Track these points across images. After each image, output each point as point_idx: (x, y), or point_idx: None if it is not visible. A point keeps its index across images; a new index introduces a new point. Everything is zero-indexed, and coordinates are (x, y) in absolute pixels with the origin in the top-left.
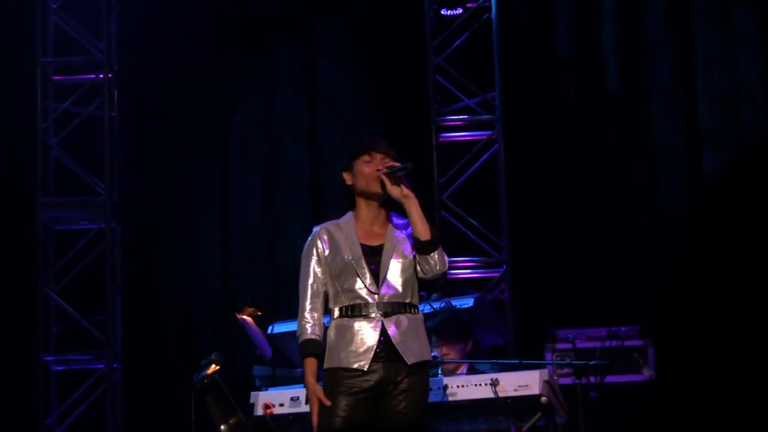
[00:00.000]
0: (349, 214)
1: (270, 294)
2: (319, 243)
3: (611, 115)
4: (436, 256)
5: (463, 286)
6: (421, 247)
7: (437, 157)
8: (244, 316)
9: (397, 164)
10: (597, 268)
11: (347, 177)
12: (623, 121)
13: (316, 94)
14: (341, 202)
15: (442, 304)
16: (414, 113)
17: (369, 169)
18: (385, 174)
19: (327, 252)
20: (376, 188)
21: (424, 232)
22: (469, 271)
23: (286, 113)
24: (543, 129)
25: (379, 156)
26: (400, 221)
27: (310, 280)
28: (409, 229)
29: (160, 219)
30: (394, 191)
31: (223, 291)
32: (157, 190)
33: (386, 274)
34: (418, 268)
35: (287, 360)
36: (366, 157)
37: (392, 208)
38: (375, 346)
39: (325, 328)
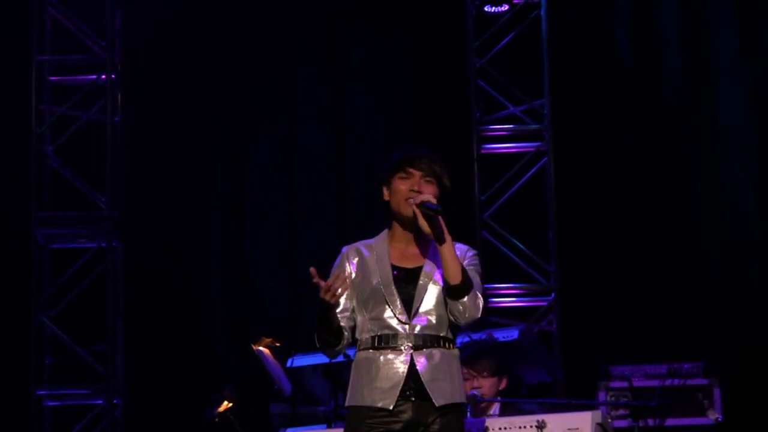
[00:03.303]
0: (384, 233)
1: (289, 323)
2: (346, 265)
3: (671, 126)
4: (467, 302)
5: (506, 317)
6: (450, 291)
7: (478, 172)
8: (261, 348)
9: (431, 199)
10: (656, 297)
11: (386, 192)
12: (685, 132)
13: (343, 110)
14: (369, 233)
15: (483, 336)
16: (453, 122)
17: (404, 187)
18: (417, 205)
19: (354, 275)
20: (408, 212)
21: (455, 275)
22: (513, 299)
23: (305, 129)
24: (597, 140)
25: (418, 174)
26: None
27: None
28: None
29: (167, 237)
30: (425, 227)
31: (235, 319)
32: (164, 205)
33: (421, 301)
34: (449, 313)
35: (309, 396)
36: (402, 173)
37: None
38: (402, 383)
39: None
